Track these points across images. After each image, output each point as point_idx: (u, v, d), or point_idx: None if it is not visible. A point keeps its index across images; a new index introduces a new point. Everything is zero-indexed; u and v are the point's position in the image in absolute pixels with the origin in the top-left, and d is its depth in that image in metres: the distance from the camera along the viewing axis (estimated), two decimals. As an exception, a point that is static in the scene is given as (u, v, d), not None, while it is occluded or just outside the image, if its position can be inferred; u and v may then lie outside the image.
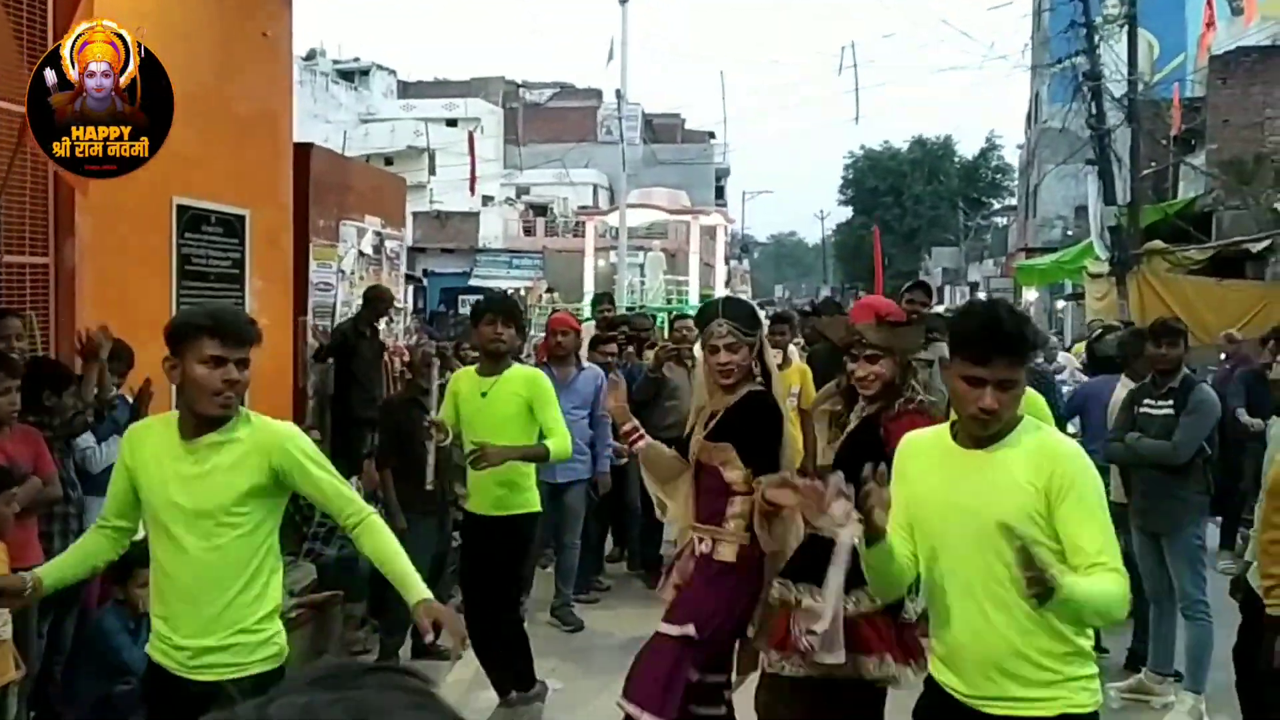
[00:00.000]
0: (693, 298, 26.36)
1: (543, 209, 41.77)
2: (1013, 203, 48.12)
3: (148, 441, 3.02)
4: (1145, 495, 5.69)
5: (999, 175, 57.82)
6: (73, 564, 3.18)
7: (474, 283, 27.91)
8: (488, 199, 39.62)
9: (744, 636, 3.98)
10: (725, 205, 49.08)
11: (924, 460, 2.83)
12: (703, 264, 31.86)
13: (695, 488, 4.12)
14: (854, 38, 56.07)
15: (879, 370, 3.71)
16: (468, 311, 8.83)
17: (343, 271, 8.90)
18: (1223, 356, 10.75)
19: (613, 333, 8.19)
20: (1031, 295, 28.80)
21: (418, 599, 2.95)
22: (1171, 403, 5.59)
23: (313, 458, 2.99)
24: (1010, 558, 2.59)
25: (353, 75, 43.42)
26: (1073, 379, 10.41)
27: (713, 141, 49.83)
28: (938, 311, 8.23)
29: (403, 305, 11.36)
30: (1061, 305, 28.62)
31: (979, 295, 38.85)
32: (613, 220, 27.84)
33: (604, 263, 30.70)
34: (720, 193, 50.58)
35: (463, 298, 23.40)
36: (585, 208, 39.05)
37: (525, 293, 24.04)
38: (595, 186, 42.78)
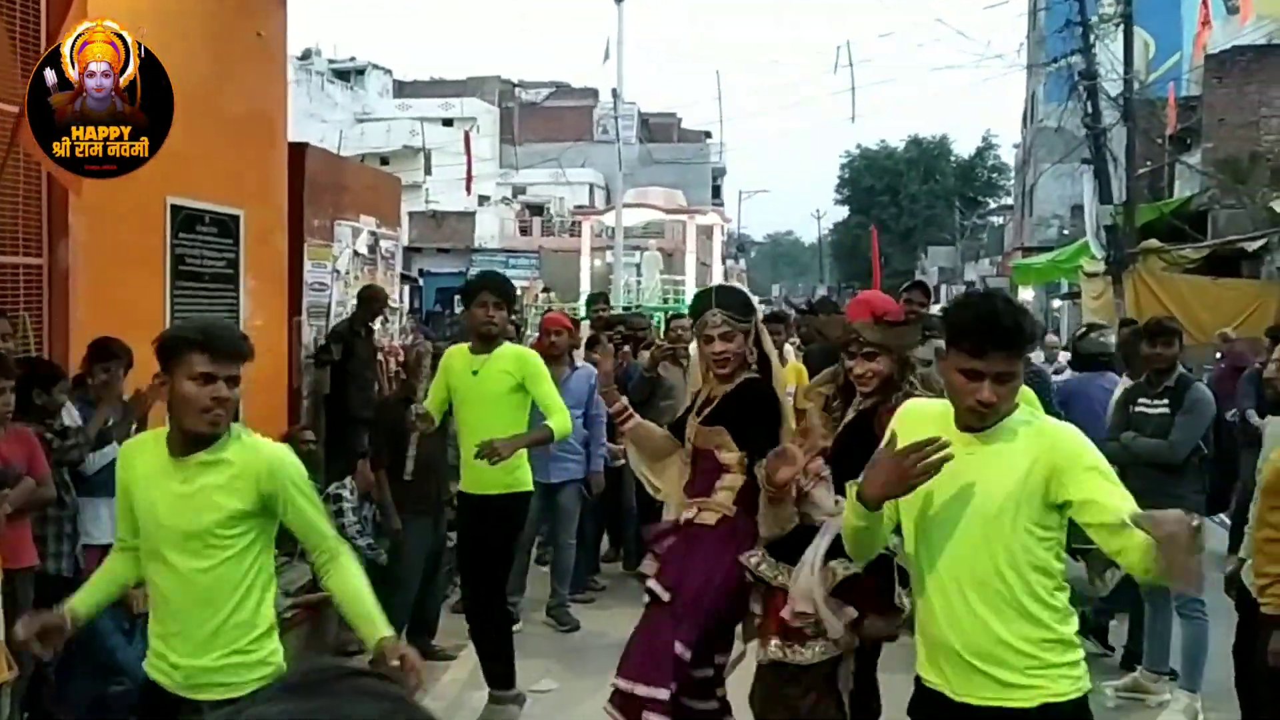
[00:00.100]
0: (689, 297, 26.33)
1: (539, 208, 41.75)
2: (1009, 202, 48.13)
3: (140, 459, 2.98)
4: (1141, 495, 5.62)
5: (995, 174, 57.90)
6: (101, 587, 3.15)
7: (470, 282, 27.84)
8: (484, 198, 39.62)
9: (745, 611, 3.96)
10: (722, 205, 49.05)
11: (920, 431, 2.75)
12: (699, 263, 31.90)
13: (692, 471, 4.14)
14: (850, 37, 56.19)
15: (876, 367, 3.71)
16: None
17: (338, 271, 8.88)
18: (1218, 356, 10.77)
19: (608, 332, 8.20)
20: (1028, 294, 28.79)
21: (379, 636, 2.88)
22: (1167, 402, 5.60)
23: (300, 487, 2.94)
24: (1005, 542, 2.60)
25: (348, 75, 43.35)
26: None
27: (709, 141, 49.77)
28: (935, 313, 8.22)
29: (398, 305, 11.35)
30: (1058, 304, 28.65)
31: (975, 293, 38.85)
32: (609, 220, 27.89)
33: (600, 262, 30.74)
34: (717, 192, 50.51)
35: (459, 298, 23.34)
36: (581, 207, 39.09)
37: (521, 292, 24.03)
38: (591, 186, 42.76)
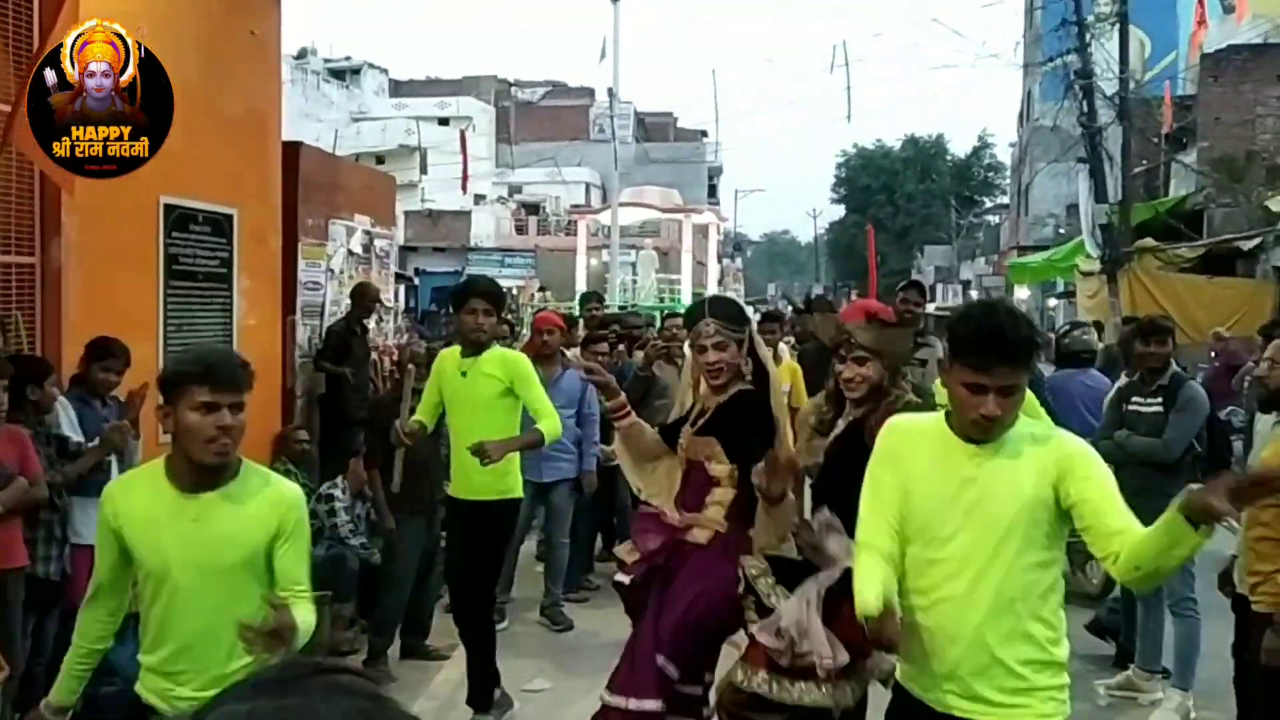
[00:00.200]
0: (685, 296, 26.39)
1: (535, 208, 41.73)
2: (1005, 201, 48.21)
3: (134, 501, 2.84)
4: (1134, 493, 5.64)
5: (991, 173, 57.94)
6: (79, 674, 2.99)
7: (466, 282, 27.85)
8: (480, 198, 39.62)
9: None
10: (718, 203, 49.09)
11: (920, 447, 2.75)
12: (695, 262, 31.92)
13: (683, 483, 4.14)
14: (846, 36, 56.19)
15: (865, 373, 3.67)
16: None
17: (331, 270, 8.87)
18: (1212, 354, 10.79)
19: (603, 331, 8.19)
20: (1023, 293, 28.86)
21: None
22: (1160, 400, 5.60)
23: (304, 529, 2.91)
24: (1013, 562, 2.59)
25: (344, 74, 43.33)
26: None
27: (705, 140, 49.79)
28: (931, 312, 8.25)
29: (393, 304, 11.33)
30: (1053, 303, 28.69)
31: (971, 293, 38.92)
32: (605, 219, 27.86)
33: (596, 261, 30.73)
34: (713, 191, 50.53)
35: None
36: (577, 206, 39.06)
37: (517, 291, 24.03)
38: (588, 185, 42.76)
